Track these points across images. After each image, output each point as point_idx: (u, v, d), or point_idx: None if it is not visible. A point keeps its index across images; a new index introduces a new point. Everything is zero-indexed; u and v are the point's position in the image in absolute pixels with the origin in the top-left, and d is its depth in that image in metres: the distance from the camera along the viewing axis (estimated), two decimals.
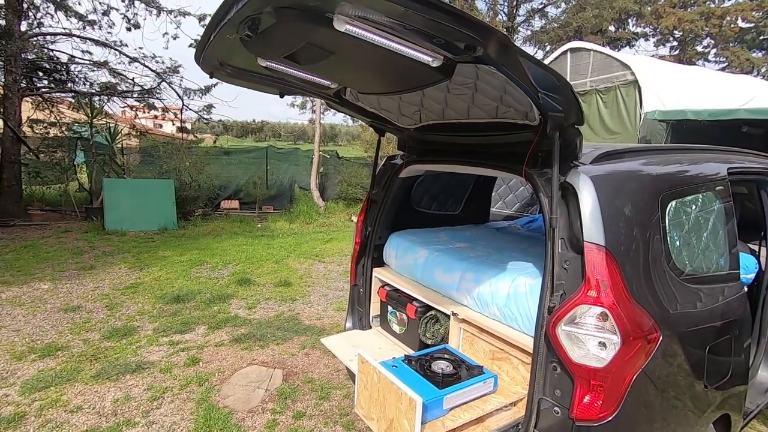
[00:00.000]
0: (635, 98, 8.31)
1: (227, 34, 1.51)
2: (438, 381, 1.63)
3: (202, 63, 1.85)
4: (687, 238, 1.76)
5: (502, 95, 1.72)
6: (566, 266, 1.57)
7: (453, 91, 1.89)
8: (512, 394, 1.77)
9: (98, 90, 10.64)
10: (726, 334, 1.82)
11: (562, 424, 1.55)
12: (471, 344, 2.05)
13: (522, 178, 1.76)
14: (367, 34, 1.23)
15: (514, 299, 1.83)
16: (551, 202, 1.57)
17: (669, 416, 1.60)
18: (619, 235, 1.51)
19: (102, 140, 9.77)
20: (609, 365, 1.43)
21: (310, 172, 11.99)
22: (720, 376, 1.81)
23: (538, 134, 1.69)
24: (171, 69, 11.37)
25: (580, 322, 1.50)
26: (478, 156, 2.11)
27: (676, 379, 1.60)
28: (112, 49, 10.72)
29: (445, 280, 2.18)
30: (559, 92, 1.38)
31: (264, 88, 2.14)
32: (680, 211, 1.76)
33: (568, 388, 1.53)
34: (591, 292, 1.48)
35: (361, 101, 2.29)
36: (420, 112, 2.26)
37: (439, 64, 1.39)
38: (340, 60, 1.57)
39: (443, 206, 3.29)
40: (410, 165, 2.50)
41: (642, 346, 1.46)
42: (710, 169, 2.00)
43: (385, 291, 2.59)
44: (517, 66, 1.25)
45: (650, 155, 1.88)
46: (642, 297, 1.51)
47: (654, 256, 1.59)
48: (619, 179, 1.64)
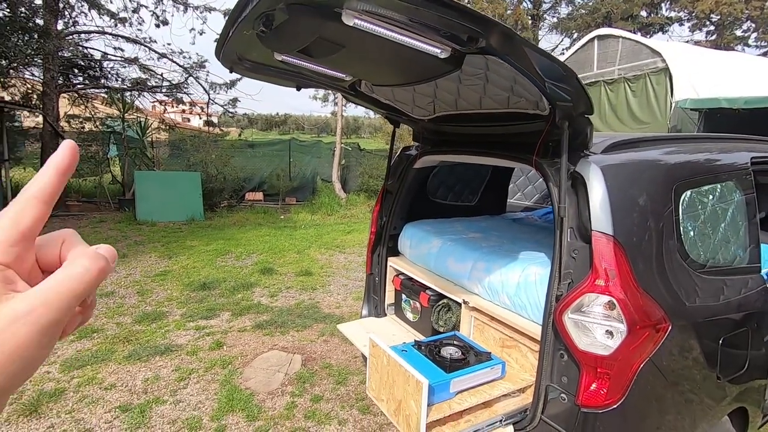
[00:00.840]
0: (666, 86, 8.01)
1: (244, 30, 1.58)
2: (446, 365, 1.67)
3: (222, 58, 1.92)
4: (702, 229, 1.74)
5: (513, 85, 1.73)
6: (574, 255, 1.58)
7: (465, 81, 1.91)
8: (521, 380, 1.80)
9: (129, 86, 11.04)
10: (743, 327, 1.79)
11: (569, 411, 1.57)
12: (481, 332, 2.08)
13: (531, 167, 1.77)
14: (375, 27, 1.28)
15: (524, 288, 1.85)
16: (560, 192, 1.58)
17: (678, 405, 1.60)
18: (628, 225, 1.51)
19: (133, 134, 10.15)
20: (615, 353, 1.44)
21: (332, 164, 12.12)
22: (735, 368, 1.78)
23: (548, 124, 1.69)
24: (197, 64, 11.67)
25: (587, 311, 1.51)
26: (491, 146, 2.13)
27: (686, 370, 1.60)
28: (142, 46, 11.08)
29: (457, 269, 2.22)
30: (566, 82, 1.38)
31: (281, 81, 2.21)
32: (696, 201, 1.73)
33: (575, 375, 1.55)
34: (598, 281, 1.49)
35: (375, 93, 2.33)
36: (434, 103, 2.29)
37: (447, 55, 1.42)
38: (351, 53, 1.61)
39: (459, 197, 3.31)
40: (424, 156, 2.53)
41: (649, 336, 1.47)
42: (730, 158, 1.95)
43: (399, 280, 2.64)
44: (522, 56, 1.27)
45: (665, 144, 1.85)
46: (651, 287, 1.51)
47: (665, 247, 1.59)
48: (630, 169, 1.63)
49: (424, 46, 1.38)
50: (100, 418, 2.67)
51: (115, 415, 2.70)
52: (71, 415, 2.69)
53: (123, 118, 9.83)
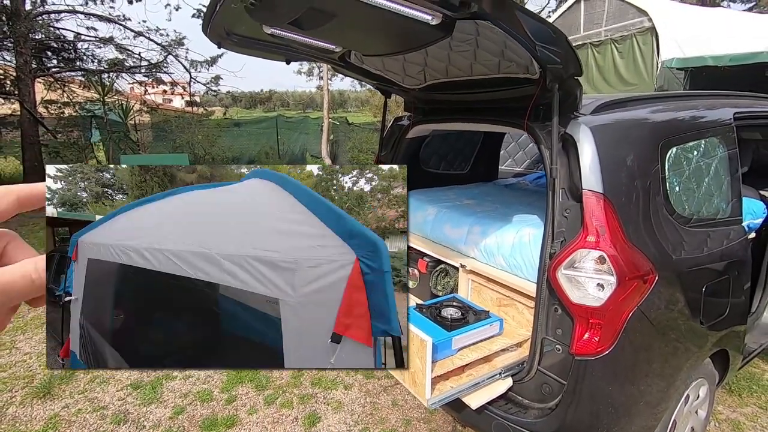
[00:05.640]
0: (652, 46, 7.99)
1: (232, 3, 1.56)
2: (447, 325, 1.76)
3: (210, 33, 1.90)
4: (687, 184, 1.81)
5: (503, 50, 1.75)
6: (566, 214, 1.64)
7: (455, 48, 1.92)
8: (518, 335, 1.90)
9: (106, 67, 10.70)
10: (725, 275, 1.90)
11: (564, 360, 1.67)
12: (479, 293, 2.17)
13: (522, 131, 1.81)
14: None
15: (519, 249, 1.93)
16: (552, 153, 1.63)
17: (664, 350, 1.71)
18: (617, 183, 1.58)
19: (116, 118, 9.92)
20: (606, 304, 1.53)
21: (320, 140, 12.01)
22: (717, 314, 1.89)
23: (538, 87, 1.72)
24: (176, 41, 11.31)
25: (579, 266, 1.59)
26: (482, 112, 2.16)
27: (671, 316, 1.70)
28: (116, 24, 10.68)
29: (453, 235, 2.28)
30: (555, 44, 1.41)
31: (271, 55, 2.19)
32: (681, 157, 1.79)
33: (569, 327, 1.64)
34: (590, 238, 1.56)
35: (365, 64, 2.32)
36: (424, 71, 2.29)
37: (438, 21, 1.43)
38: (342, 23, 1.61)
39: (452, 165, 3.35)
40: (417, 125, 2.55)
41: (637, 286, 1.56)
42: (713, 114, 2.01)
43: None
44: (513, 20, 1.29)
45: (651, 103, 1.90)
46: (639, 241, 1.59)
47: (652, 202, 1.66)
48: (618, 128, 1.68)
49: (415, 12, 1.39)
50: (113, 396, 2.75)
51: (127, 392, 2.79)
52: (84, 395, 2.77)
53: (103, 102, 9.57)
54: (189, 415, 2.58)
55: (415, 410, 2.62)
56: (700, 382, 2.02)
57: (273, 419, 2.55)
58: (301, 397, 2.74)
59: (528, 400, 1.81)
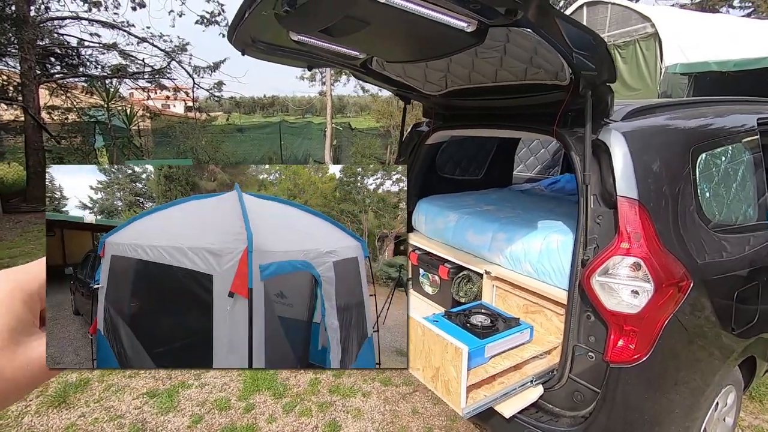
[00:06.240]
0: (655, 52, 8.04)
1: (263, 11, 1.56)
2: (478, 332, 1.75)
3: (235, 41, 1.90)
4: (717, 190, 1.81)
5: (532, 56, 1.75)
6: (599, 221, 1.64)
7: (481, 55, 1.92)
8: (547, 343, 1.88)
9: (110, 73, 10.71)
10: (754, 281, 1.89)
11: (597, 368, 1.66)
12: (504, 300, 2.16)
13: (552, 138, 1.81)
14: (408, 3, 1.28)
15: (547, 255, 1.92)
16: (584, 160, 1.63)
17: (698, 357, 1.70)
18: (650, 189, 1.57)
19: (119, 123, 9.92)
20: (643, 311, 1.52)
21: (323, 145, 12.02)
22: (747, 321, 1.88)
23: (569, 94, 1.72)
24: (179, 47, 11.34)
25: (613, 273, 1.58)
26: (506, 119, 2.15)
27: (705, 323, 1.69)
28: (120, 30, 10.71)
29: (477, 241, 2.27)
30: (592, 50, 1.41)
31: (293, 62, 2.19)
32: (710, 163, 1.79)
33: (602, 334, 1.63)
34: (624, 244, 1.55)
35: (387, 70, 2.32)
36: (446, 78, 2.29)
37: (474, 29, 1.43)
38: (373, 30, 1.61)
39: (466, 171, 3.35)
40: (437, 131, 2.55)
41: (673, 293, 1.55)
42: (739, 120, 2.01)
43: (416, 255, 2.70)
44: (553, 28, 1.28)
45: (680, 109, 1.90)
46: (673, 247, 1.58)
47: (685, 208, 1.65)
48: (650, 134, 1.68)
49: (452, 20, 1.39)
50: (129, 405, 2.72)
51: (143, 400, 2.76)
52: (100, 403, 2.74)
53: (108, 107, 9.57)
54: (208, 424, 2.55)
55: (436, 418, 2.60)
56: (728, 389, 2.01)
57: (293, 428, 2.52)
58: (319, 405, 2.72)
59: (559, 408, 1.80)
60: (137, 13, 11.43)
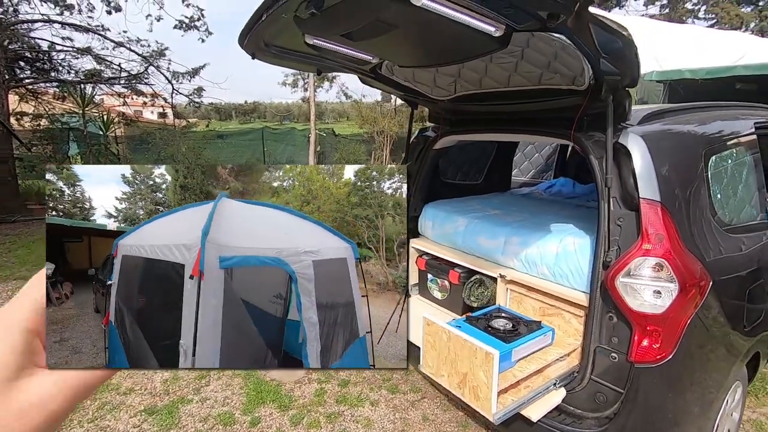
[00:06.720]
0: None
1: (282, 14, 1.52)
2: (501, 336, 1.74)
3: (246, 44, 1.85)
4: (726, 190, 1.87)
5: (551, 61, 1.77)
6: (620, 223, 1.66)
7: (495, 60, 1.93)
8: (567, 345, 1.89)
9: (83, 78, 10.34)
10: (761, 279, 1.95)
11: (620, 368, 1.68)
12: (519, 303, 2.16)
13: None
14: (441, 8, 1.27)
15: (564, 258, 1.94)
16: (604, 163, 1.65)
17: (717, 354, 1.74)
18: (671, 191, 1.61)
19: (95, 130, 9.58)
20: (667, 311, 1.55)
21: (307, 151, 11.92)
22: (756, 318, 1.95)
23: (586, 98, 1.75)
24: (157, 52, 11.06)
25: (636, 274, 1.60)
26: (518, 123, 2.17)
27: (722, 321, 1.73)
28: (95, 34, 10.37)
29: (489, 246, 2.28)
30: (620, 54, 1.43)
31: (303, 66, 2.15)
32: (720, 165, 1.85)
33: (626, 334, 1.65)
34: (646, 245, 1.58)
35: (396, 75, 2.31)
36: (455, 82, 2.30)
37: (501, 33, 1.43)
38: (396, 34, 1.59)
39: (467, 176, 3.36)
40: (444, 137, 2.55)
41: (695, 293, 1.58)
42: (741, 124, 2.09)
43: (423, 260, 2.68)
44: (586, 32, 1.30)
45: (690, 113, 1.96)
46: (693, 246, 1.62)
47: (700, 208, 1.70)
48: (668, 137, 1.73)
49: (481, 24, 1.39)
50: (126, 423, 2.59)
51: (142, 418, 2.63)
52: (95, 423, 2.60)
53: (83, 113, 9.23)
54: None
55: (447, 424, 2.58)
56: (737, 385, 2.07)
57: None
58: (327, 416, 2.65)
59: (581, 410, 1.80)
60: (113, 17, 11.10)
